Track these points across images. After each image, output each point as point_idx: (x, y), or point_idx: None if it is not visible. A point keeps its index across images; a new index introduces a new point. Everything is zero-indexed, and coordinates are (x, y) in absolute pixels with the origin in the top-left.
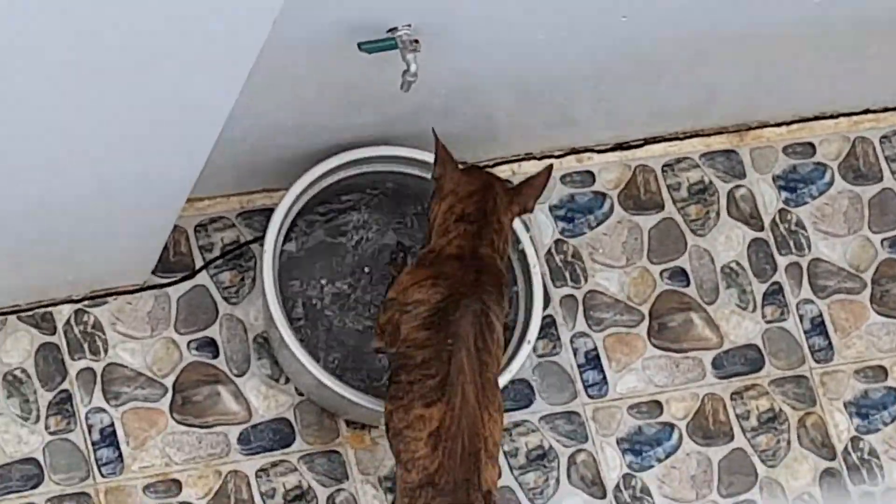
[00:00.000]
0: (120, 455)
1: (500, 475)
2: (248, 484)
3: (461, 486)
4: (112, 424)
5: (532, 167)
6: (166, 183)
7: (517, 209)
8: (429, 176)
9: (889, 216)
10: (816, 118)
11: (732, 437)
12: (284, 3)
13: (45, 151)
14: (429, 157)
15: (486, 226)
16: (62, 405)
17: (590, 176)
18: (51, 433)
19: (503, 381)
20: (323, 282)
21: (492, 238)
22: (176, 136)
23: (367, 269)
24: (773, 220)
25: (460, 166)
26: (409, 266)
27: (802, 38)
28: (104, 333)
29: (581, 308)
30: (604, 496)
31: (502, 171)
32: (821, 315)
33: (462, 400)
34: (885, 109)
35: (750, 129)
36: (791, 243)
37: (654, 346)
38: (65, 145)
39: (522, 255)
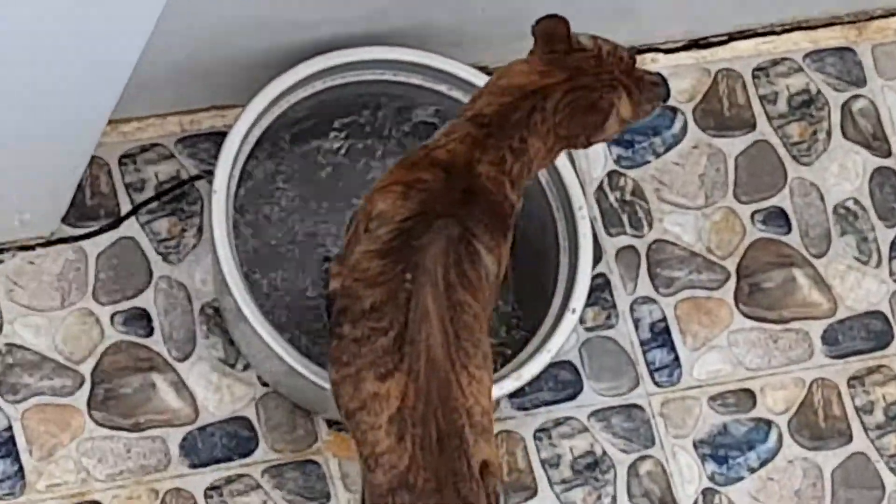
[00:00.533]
0: (20, 469)
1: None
2: None
3: (446, 484)
4: (10, 428)
5: None
6: (79, 98)
7: (563, 134)
8: (440, 88)
9: None
10: None
11: (851, 438)
12: None
13: None
14: (439, 62)
15: (499, 137)
16: None
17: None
18: None
19: (537, 366)
20: (297, 234)
21: (502, 155)
22: (90, 31)
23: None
24: None
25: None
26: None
27: None
28: None
29: (645, 264)
30: None
31: None
32: None
33: (428, 362)
34: None
35: (872, 18)
36: None
37: (744, 314)
38: None
39: (563, 192)
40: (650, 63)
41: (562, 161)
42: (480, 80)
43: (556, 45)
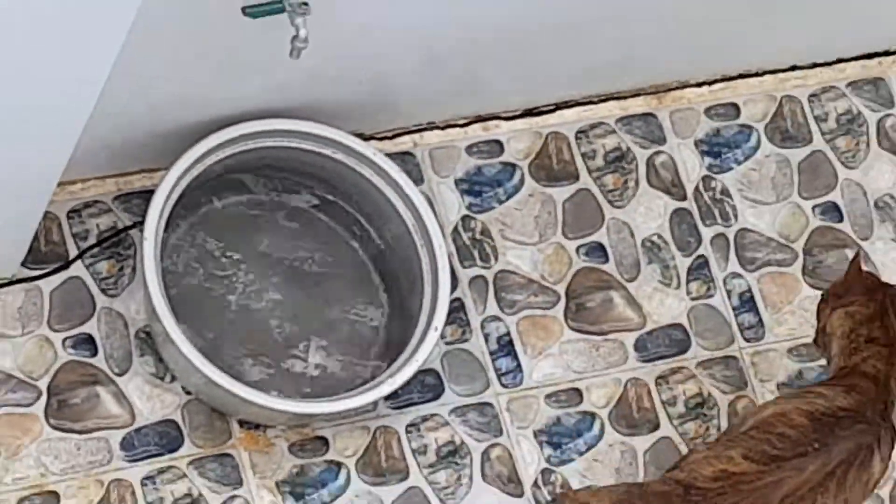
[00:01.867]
0: None
1: None
2: (133, 493)
3: None
4: None
5: (435, 137)
6: (34, 165)
7: None
8: (324, 151)
9: (820, 180)
10: (740, 76)
11: (658, 426)
12: None
13: None
14: (325, 131)
15: (893, 354)
16: None
17: (497, 145)
18: None
19: (408, 373)
20: (215, 267)
21: None
22: (43, 113)
23: (265, 257)
24: (697, 189)
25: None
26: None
27: None
28: None
29: (492, 289)
30: (521, 494)
31: (403, 143)
32: (750, 290)
33: (772, 487)
34: (814, 65)
35: (669, 90)
36: (716, 213)
37: (572, 328)
38: None
39: (426, 234)
40: (494, 129)
41: (424, 208)
42: (359, 145)
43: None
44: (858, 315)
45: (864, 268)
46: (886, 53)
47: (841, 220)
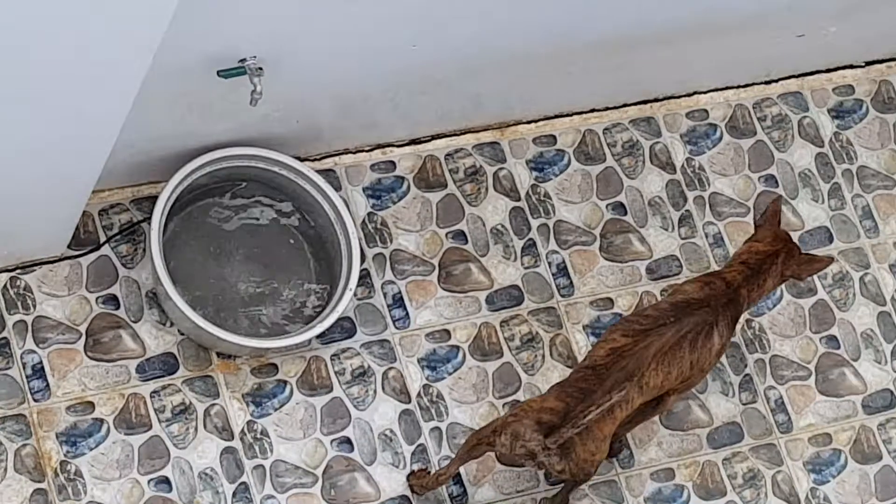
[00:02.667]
0: (48, 384)
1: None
2: (145, 402)
3: (602, 384)
4: (41, 362)
5: (349, 159)
6: (76, 180)
7: (788, 275)
8: (274, 169)
9: (611, 187)
10: (557, 116)
11: (503, 355)
12: (161, 42)
13: None
14: (274, 155)
15: (755, 277)
16: (3, 348)
17: (392, 164)
18: None
19: (332, 319)
20: (197, 247)
21: (754, 286)
22: (81, 146)
23: (233, 240)
24: (527, 193)
25: (771, 228)
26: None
27: (544, 58)
28: (32, 294)
29: (388, 263)
30: (409, 401)
31: (327, 163)
32: (564, 262)
33: (643, 349)
34: (606, 108)
35: (508, 125)
36: (541, 209)
37: (443, 289)
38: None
39: (343, 224)
40: (389, 153)
41: (342, 207)
42: (297, 164)
43: (775, 221)
44: (755, 248)
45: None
46: (656, 100)
47: (625, 213)
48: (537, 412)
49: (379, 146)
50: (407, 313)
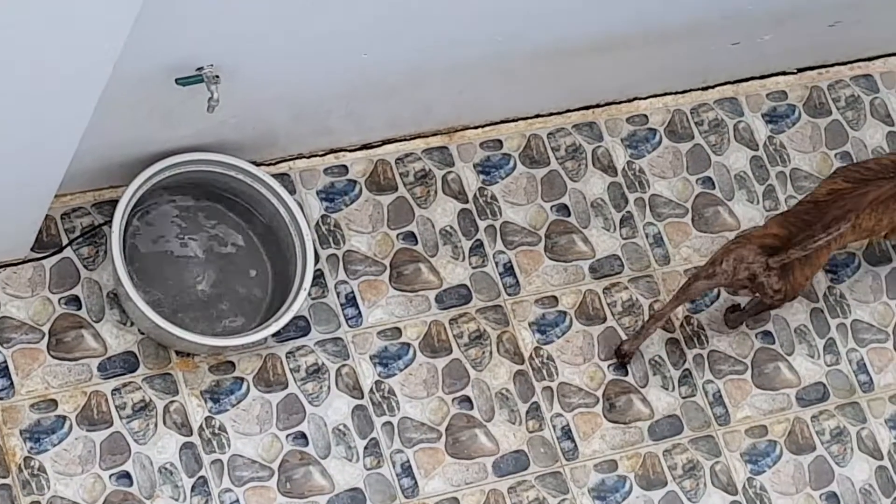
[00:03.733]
0: (11, 383)
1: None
2: (106, 400)
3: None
4: (5, 361)
5: (303, 163)
6: (39, 185)
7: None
8: (230, 173)
9: (555, 189)
10: (503, 122)
11: (452, 351)
12: (122, 52)
13: None
14: (231, 160)
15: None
16: None
17: (344, 168)
18: None
19: (287, 318)
20: (156, 249)
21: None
22: (43, 152)
23: (191, 243)
24: (475, 195)
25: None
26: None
27: (490, 66)
28: None
29: (341, 263)
30: (362, 397)
31: (282, 167)
32: (510, 262)
33: (861, 195)
34: (550, 114)
35: (456, 131)
36: (488, 211)
37: (394, 288)
38: None
39: (298, 226)
40: (342, 157)
41: (296, 209)
42: (253, 168)
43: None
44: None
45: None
46: (598, 106)
47: (569, 215)
48: (760, 238)
49: (332, 151)
50: (359, 312)
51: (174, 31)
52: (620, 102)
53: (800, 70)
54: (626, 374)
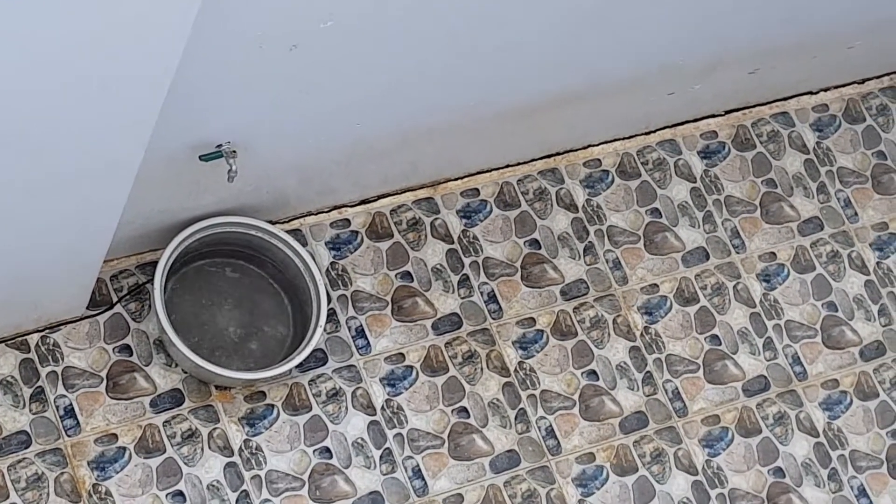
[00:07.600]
0: (78, 422)
1: None
2: (159, 431)
3: None
4: (71, 404)
5: (312, 219)
6: (89, 254)
7: None
8: (251, 232)
9: (527, 227)
10: (479, 172)
11: (448, 370)
12: (152, 137)
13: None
14: (250, 221)
15: None
16: (39, 395)
17: (347, 221)
18: (32, 413)
19: (307, 351)
20: (192, 300)
21: None
22: (91, 227)
23: (222, 293)
24: (459, 237)
25: None
26: None
27: (465, 127)
28: (60, 348)
29: (350, 302)
30: (375, 414)
31: (294, 224)
32: (493, 291)
33: None
34: (518, 163)
35: (440, 183)
36: (471, 249)
37: (396, 320)
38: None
39: (311, 273)
40: (344, 212)
41: (308, 259)
42: (269, 227)
43: None
44: None
45: None
46: (558, 154)
47: (540, 248)
48: None
49: (336, 207)
50: (368, 342)
51: (195, 115)
52: (577, 150)
53: (727, 112)
54: (598, 379)
